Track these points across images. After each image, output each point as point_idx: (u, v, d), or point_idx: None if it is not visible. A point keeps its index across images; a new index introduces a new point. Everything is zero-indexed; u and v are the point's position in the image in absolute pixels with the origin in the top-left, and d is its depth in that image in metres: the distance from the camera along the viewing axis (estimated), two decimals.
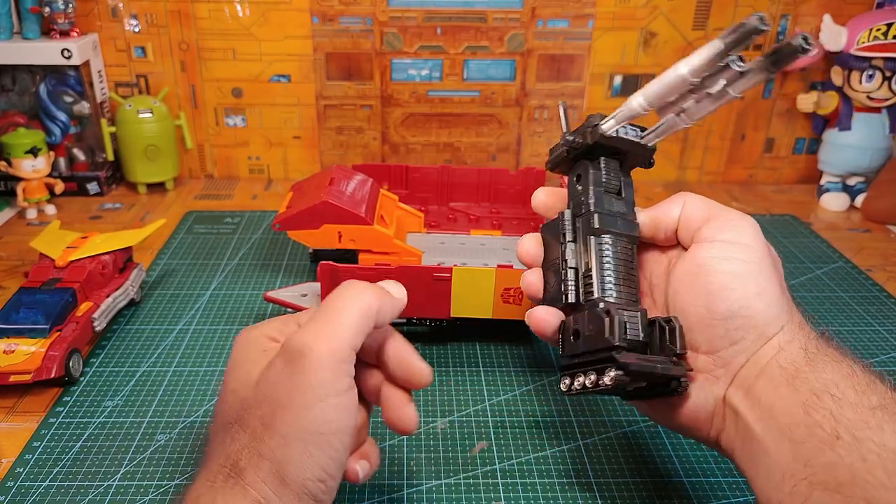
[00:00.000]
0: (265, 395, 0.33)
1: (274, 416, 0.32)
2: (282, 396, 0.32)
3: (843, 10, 0.88)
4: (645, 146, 0.45)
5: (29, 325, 0.53)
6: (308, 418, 0.32)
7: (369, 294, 0.35)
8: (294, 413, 0.32)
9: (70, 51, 0.81)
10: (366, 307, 0.35)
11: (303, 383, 0.32)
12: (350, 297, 0.35)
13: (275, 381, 0.33)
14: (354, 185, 0.64)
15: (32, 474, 0.45)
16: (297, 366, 0.32)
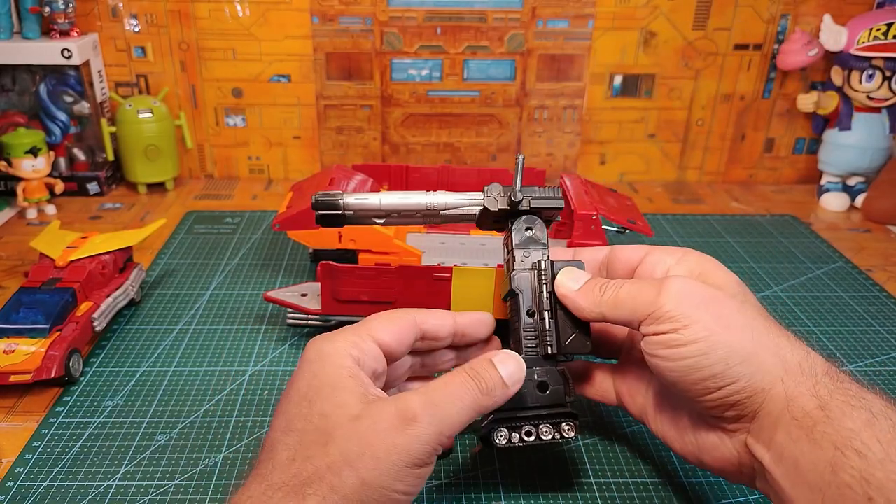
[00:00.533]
0: (362, 436, 0.33)
1: (362, 460, 0.33)
2: (379, 447, 0.33)
3: (843, 9, 0.88)
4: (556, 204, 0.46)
5: (29, 325, 0.53)
6: (393, 475, 0.33)
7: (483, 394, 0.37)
8: (383, 467, 0.33)
9: (70, 51, 0.81)
10: (478, 407, 0.37)
11: (403, 446, 0.33)
12: (470, 390, 0.36)
13: (377, 430, 0.34)
14: (354, 185, 0.64)
15: (32, 474, 0.45)
16: (407, 429, 0.34)
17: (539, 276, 0.43)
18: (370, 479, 0.33)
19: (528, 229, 0.45)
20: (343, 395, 0.35)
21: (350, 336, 0.39)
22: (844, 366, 0.58)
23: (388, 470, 0.33)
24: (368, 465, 0.33)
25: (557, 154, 0.95)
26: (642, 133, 0.95)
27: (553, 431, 0.41)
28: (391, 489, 0.33)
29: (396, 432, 0.33)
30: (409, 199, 0.45)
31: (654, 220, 0.84)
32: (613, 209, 0.63)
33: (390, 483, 0.33)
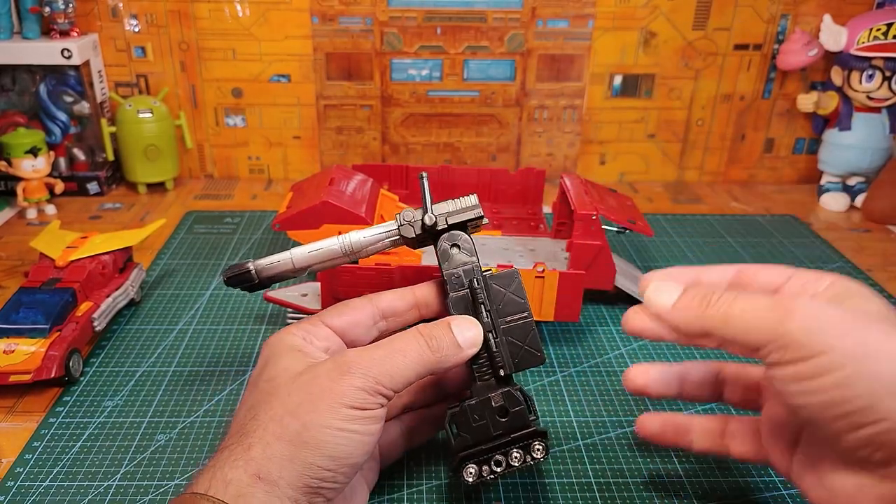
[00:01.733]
0: (302, 387, 0.36)
1: (301, 407, 0.35)
2: (315, 393, 0.36)
3: (843, 9, 0.88)
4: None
5: (29, 325, 0.53)
6: (333, 414, 0.35)
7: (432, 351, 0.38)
8: (320, 408, 0.35)
9: (70, 51, 0.81)
10: (425, 362, 0.38)
11: (338, 386, 0.36)
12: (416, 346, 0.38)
13: (315, 380, 0.36)
14: (354, 185, 0.64)
15: (32, 474, 0.45)
16: (340, 374, 0.36)
17: (474, 296, 0.41)
18: (309, 419, 0.35)
19: (453, 246, 0.43)
20: (288, 360, 0.38)
21: (299, 324, 0.42)
22: None
23: (326, 410, 0.35)
24: (307, 408, 0.35)
25: (557, 154, 0.95)
26: (642, 133, 0.95)
27: (524, 455, 0.40)
28: (331, 426, 0.35)
29: (331, 380, 0.36)
30: (323, 247, 0.44)
31: (654, 220, 0.84)
32: (613, 209, 0.63)
33: (329, 420, 0.35)
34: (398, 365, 0.37)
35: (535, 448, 0.40)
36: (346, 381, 0.36)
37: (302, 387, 0.36)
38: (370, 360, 0.37)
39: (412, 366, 0.37)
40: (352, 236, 0.43)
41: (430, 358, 0.38)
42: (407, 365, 0.37)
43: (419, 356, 0.38)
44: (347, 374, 0.36)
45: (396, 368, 0.37)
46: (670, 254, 0.76)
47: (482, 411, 0.40)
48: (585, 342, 0.60)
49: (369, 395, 0.36)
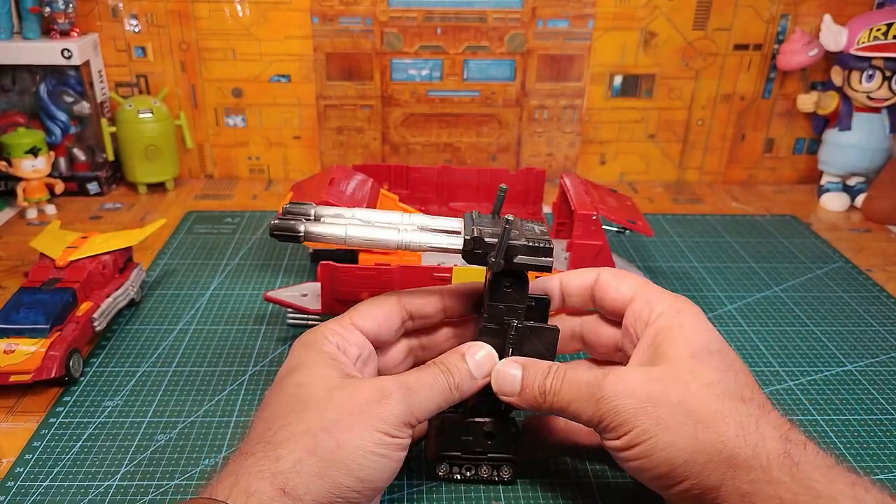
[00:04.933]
0: (340, 405, 0.36)
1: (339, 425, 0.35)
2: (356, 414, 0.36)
3: (843, 10, 0.88)
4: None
5: (29, 325, 0.53)
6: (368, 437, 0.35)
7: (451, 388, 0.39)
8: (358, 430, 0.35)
9: (70, 51, 0.81)
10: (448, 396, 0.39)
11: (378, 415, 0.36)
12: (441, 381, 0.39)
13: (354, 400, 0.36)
14: (354, 185, 0.64)
15: (32, 474, 0.45)
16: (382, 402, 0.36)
17: (505, 337, 0.41)
18: (346, 440, 0.35)
19: (507, 287, 0.41)
20: (322, 369, 0.38)
21: (332, 325, 0.41)
22: (844, 366, 0.58)
23: (363, 433, 0.35)
24: (345, 428, 0.35)
25: (557, 154, 0.95)
26: (642, 133, 0.95)
27: (491, 471, 0.44)
28: (365, 449, 0.35)
29: (372, 404, 0.36)
30: (379, 239, 0.40)
31: (654, 220, 0.84)
32: (613, 209, 0.63)
33: (365, 444, 0.35)
34: (426, 398, 0.38)
35: (504, 470, 0.44)
36: (385, 407, 0.36)
37: (340, 403, 0.36)
38: (407, 390, 0.37)
39: (436, 399, 0.39)
40: (412, 237, 0.40)
41: (450, 394, 0.39)
42: (432, 398, 0.38)
43: (442, 392, 0.39)
44: (387, 401, 0.36)
45: (425, 401, 0.38)
46: (670, 254, 0.76)
47: (473, 431, 0.43)
48: None
49: (403, 423, 0.36)
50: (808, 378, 0.56)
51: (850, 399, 0.54)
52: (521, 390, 0.40)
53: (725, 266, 0.74)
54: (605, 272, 0.43)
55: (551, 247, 0.39)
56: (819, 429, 0.51)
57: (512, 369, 0.40)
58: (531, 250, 0.39)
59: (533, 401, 0.39)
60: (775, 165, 0.98)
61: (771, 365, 0.58)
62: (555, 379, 0.39)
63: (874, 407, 0.53)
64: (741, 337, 0.62)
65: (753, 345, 0.61)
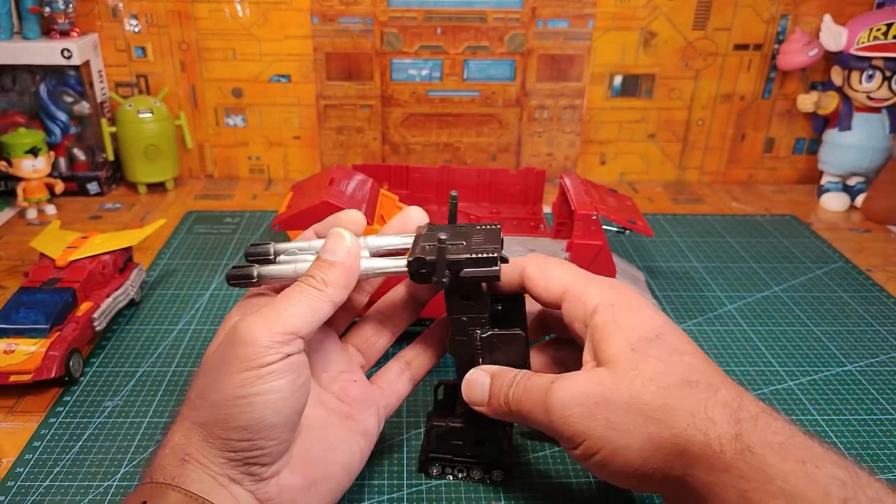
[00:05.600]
0: (208, 364, 0.36)
1: (208, 386, 0.35)
2: (216, 366, 0.35)
3: (844, 9, 0.88)
4: None
5: (29, 325, 0.53)
6: (230, 384, 0.34)
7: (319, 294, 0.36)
8: (221, 381, 0.34)
9: (70, 51, 0.81)
10: (319, 303, 0.36)
11: (230, 355, 0.34)
12: (302, 295, 0.36)
13: (212, 357, 0.36)
14: (354, 185, 0.64)
15: (32, 474, 0.45)
16: (231, 343, 0.34)
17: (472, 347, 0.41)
18: (216, 398, 0.34)
19: (464, 299, 0.40)
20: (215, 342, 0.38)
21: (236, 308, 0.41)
22: (844, 366, 0.58)
23: (226, 384, 0.34)
24: (213, 388, 0.34)
25: (557, 154, 0.95)
26: (642, 133, 0.95)
27: (483, 474, 0.44)
28: (232, 397, 0.34)
29: (225, 351, 0.35)
30: None
31: (654, 220, 0.84)
32: (613, 209, 0.63)
33: (230, 393, 0.34)
34: (288, 310, 0.35)
35: (495, 474, 0.44)
36: (235, 346, 0.34)
37: (208, 368, 0.36)
38: (257, 316, 0.35)
39: (302, 305, 0.35)
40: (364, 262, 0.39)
41: (314, 292, 0.36)
42: (296, 305, 0.35)
43: (305, 294, 0.36)
44: (235, 338, 0.34)
45: (286, 313, 0.35)
46: (670, 254, 0.76)
47: (463, 437, 0.44)
48: None
49: (260, 350, 0.33)
50: (808, 378, 0.56)
51: (850, 399, 0.54)
52: (488, 400, 0.39)
53: (725, 266, 0.74)
54: (530, 265, 0.41)
55: (495, 255, 0.38)
56: (819, 429, 0.51)
57: (481, 378, 0.40)
58: (475, 262, 0.38)
59: (500, 410, 0.39)
60: (775, 165, 0.98)
61: (771, 365, 0.58)
62: (516, 388, 0.38)
63: (874, 407, 0.53)
64: (741, 337, 0.62)
65: (753, 345, 0.61)
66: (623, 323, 0.37)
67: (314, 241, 0.42)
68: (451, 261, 0.38)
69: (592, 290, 0.39)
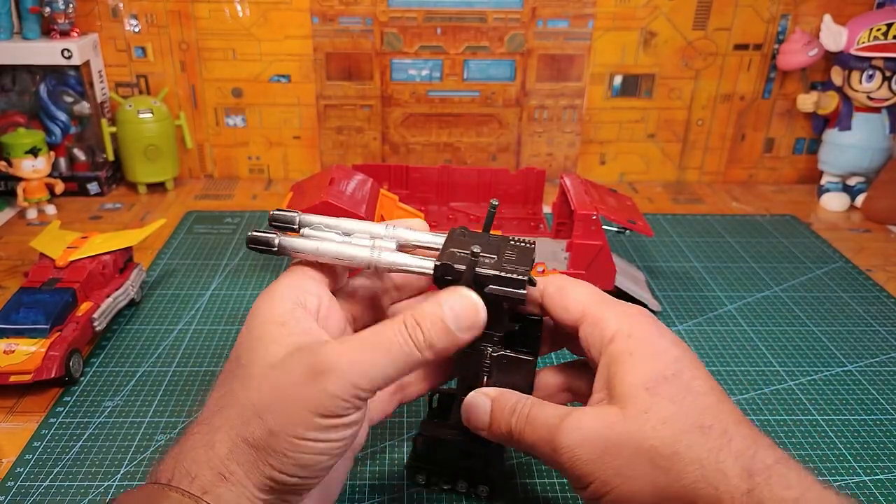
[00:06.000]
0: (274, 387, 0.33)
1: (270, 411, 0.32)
2: (288, 399, 0.32)
3: (844, 9, 0.88)
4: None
5: (29, 325, 0.53)
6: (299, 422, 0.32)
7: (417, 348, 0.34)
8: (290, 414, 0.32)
9: (70, 51, 0.81)
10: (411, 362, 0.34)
11: (308, 392, 0.32)
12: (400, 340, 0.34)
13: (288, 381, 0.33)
14: (354, 184, 0.64)
15: (33, 474, 0.45)
16: (313, 377, 0.32)
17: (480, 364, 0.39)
18: (277, 429, 0.32)
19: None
20: (267, 344, 0.34)
21: (287, 279, 0.37)
22: (844, 366, 0.58)
23: (296, 420, 0.32)
24: (276, 415, 0.32)
25: (557, 154, 0.95)
26: (642, 133, 0.95)
27: (469, 488, 0.43)
28: (300, 437, 0.32)
29: (305, 385, 0.32)
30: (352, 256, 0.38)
31: (654, 220, 0.84)
32: (613, 209, 0.63)
33: (298, 432, 0.32)
34: (378, 364, 0.33)
35: (481, 489, 0.43)
36: (319, 387, 0.32)
37: (274, 385, 0.33)
38: (349, 361, 0.32)
39: (394, 364, 0.33)
40: (384, 257, 0.38)
41: (416, 356, 0.34)
42: (388, 363, 0.33)
43: (404, 352, 0.33)
44: (321, 378, 0.32)
45: (377, 369, 0.33)
46: (670, 254, 0.76)
47: (449, 449, 0.43)
48: None
49: (344, 401, 0.32)
50: (808, 378, 0.56)
51: (850, 399, 0.54)
52: (489, 425, 0.38)
53: (725, 266, 0.74)
54: (550, 285, 0.39)
55: (524, 278, 0.36)
56: (819, 429, 0.51)
57: (481, 400, 0.38)
58: (502, 280, 0.36)
59: (501, 437, 0.38)
60: (775, 165, 0.98)
61: (771, 365, 0.58)
62: (518, 418, 0.37)
63: (874, 407, 0.53)
64: (741, 337, 0.62)
65: (753, 345, 0.61)
66: (639, 357, 0.35)
67: (342, 220, 0.40)
68: (478, 274, 0.36)
69: (611, 317, 0.37)
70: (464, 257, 0.37)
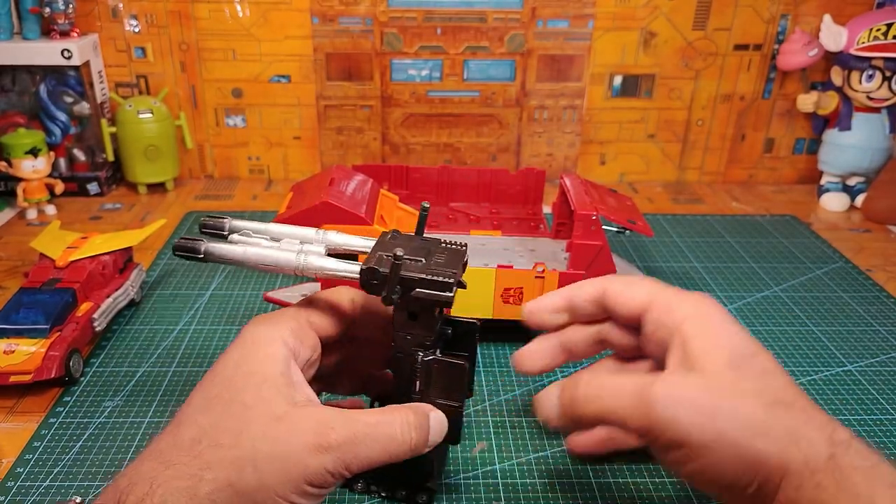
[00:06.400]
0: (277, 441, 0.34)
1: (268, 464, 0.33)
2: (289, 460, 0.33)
3: (843, 10, 0.88)
4: None
5: (29, 326, 0.53)
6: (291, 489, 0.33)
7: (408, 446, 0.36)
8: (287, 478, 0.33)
9: (70, 51, 0.81)
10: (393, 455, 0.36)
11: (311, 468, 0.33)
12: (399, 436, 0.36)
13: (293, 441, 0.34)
14: (354, 185, 0.64)
15: (33, 474, 0.45)
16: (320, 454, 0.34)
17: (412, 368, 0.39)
18: (270, 483, 0.33)
19: (412, 317, 0.38)
20: (270, 390, 0.35)
21: (289, 323, 0.38)
22: (844, 366, 0.58)
23: (290, 482, 0.33)
24: (274, 471, 0.33)
25: (557, 154, 0.95)
26: (642, 133, 0.95)
27: (408, 496, 0.43)
28: (286, 498, 0.33)
29: (309, 453, 0.33)
30: (279, 261, 0.38)
31: (654, 220, 0.84)
32: (613, 209, 0.63)
33: (288, 493, 0.33)
34: (373, 453, 0.35)
35: (421, 497, 0.43)
36: (318, 460, 0.33)
37: (277, 439, 0.33)
38: (352, 442, 0.34)
39: (381, 457, 0.35)
40: (311, 261, 0.38)
41: (398, 452, 0.36)
42: (379, 456, 0.35)
43: (392, 451, 0.36)
44: (325, 454, 0.33)
45: (370, 456, 0.35)
46: (670, 254, 0.76)
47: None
48: None
49: (333, 477, 0.34)
50: (808, 378, 0.56)
51: (850, 399, 0.54)
52: (560, 411, 0.39)
53: (725, 266, 0.74)
54: (614, 282, 0.41)
55: (451, 281, 0.36)
56: None
57: (549, 390, 0.39)
58: (429, 283, 0.36)
59: (571, 417, 0.38)
60: (775, 165, 0.98)
61: None
62: (587, 387, 0.38)
63: (874, 407, 0.53)
64: None
65: None
66: (717, 336, 0.37)
67: (271, 225, 0.40)
68: (404, 277, 0.36)
69: (682, 300, 0.39)
70: (389, 261, 0.36)
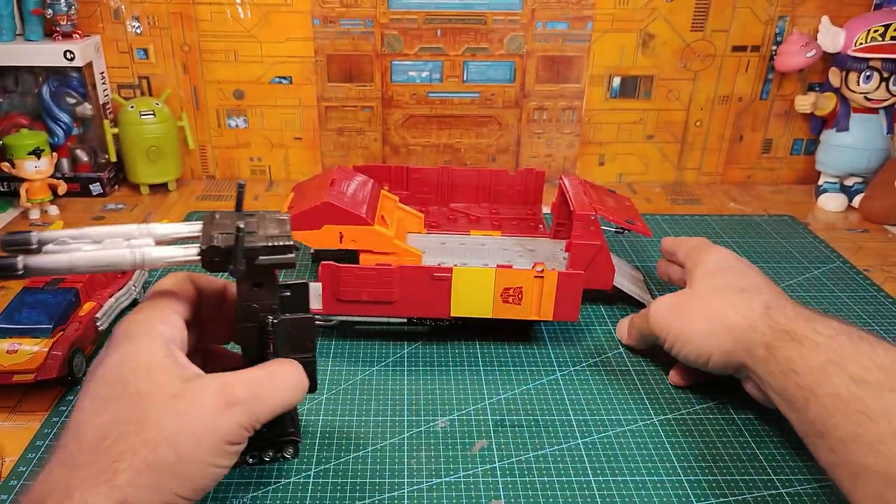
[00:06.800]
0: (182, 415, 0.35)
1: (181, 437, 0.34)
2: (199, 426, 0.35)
3: (841, 11, 0.88)
4: None
5: (32, 325, 0.53)
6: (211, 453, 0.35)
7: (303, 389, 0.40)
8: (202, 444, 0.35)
9: (73, 52, 0.81)
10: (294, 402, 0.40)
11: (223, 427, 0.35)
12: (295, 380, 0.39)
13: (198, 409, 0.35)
14: (355, 185, 0.64)
15: (35, 473, 0.45)
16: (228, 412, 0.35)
17: (263, 335, 0.40)
18: (188, 454, 0.34)
19: (256, 286, 0.40)
20: (160, 374, 0.35)
21: (155, 311, 0.39)
22: None
23: (208, 447, 0.35)
24: (187, 441, 0.34)
25: (557, 155, 0.96)
26: (641, 134, 0.95)
27: (275, 454, 0.43)
28: (209, 463, 0.35)
29: (217, 413, 0.35)
30: (111, 261, 0.38)
31: (652, 220, 0.84)
32: (612, 209, 0.63)
33: (209, 458, 0.35)
34: (276, 400, 0.37)
35: (288, 451, 0.43)
36: (229, 417, 0.35)
37: (181, 414, 0.34)
38: (256, 395, 0.36)
39: (287, 402, 0.38)
40: (147, 253, 0.38)
41: (299, 396, 0.39)
42: (283, 400, 0.38)
43: (294, 393, 0.39)
44: (232, 409, 0.35)
45: (274, 404, 0.37)
46: None
47: None
48: (584, 341, 0.61)
49: (246, 430, 0.36)
50: None
51: None
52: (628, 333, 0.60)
53: None
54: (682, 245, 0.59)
55: (290, 243, 0.39)
56: None
57: (623, 322, 0.61)
58: (271, 250, 0.38)
59: (635, 337, 0.58)
60: (773, 166, 0.98)
61: None
62: (638, 317, 0.58)
63: None
64: None
65: None
66: (705, 263, 0.54)
67: (87, 228, 0.40)
68: (247, 248, 0.38)
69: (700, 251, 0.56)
70: (228, 237, 0.38)
